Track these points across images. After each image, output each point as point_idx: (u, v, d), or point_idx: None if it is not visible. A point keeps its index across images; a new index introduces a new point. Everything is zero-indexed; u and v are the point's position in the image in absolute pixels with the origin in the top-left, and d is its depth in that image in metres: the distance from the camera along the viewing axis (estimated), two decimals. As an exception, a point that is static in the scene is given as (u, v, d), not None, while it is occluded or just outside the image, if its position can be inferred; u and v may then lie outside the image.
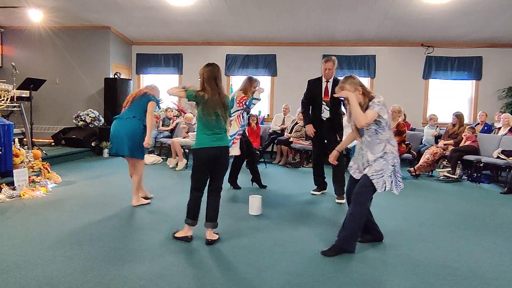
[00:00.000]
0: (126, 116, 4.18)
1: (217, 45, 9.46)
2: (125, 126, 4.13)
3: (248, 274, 2.57)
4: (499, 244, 3.33)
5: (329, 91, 4.71)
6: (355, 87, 2.97)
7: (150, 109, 4.19)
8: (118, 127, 4.17)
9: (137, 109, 4.20)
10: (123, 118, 4.19)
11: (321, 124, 4.78)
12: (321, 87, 4.80)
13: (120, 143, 4.13)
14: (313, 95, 4.85)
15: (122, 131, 4.11)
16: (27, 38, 9.03)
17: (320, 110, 4.76)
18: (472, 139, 6.59)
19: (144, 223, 3.63)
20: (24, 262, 2.64)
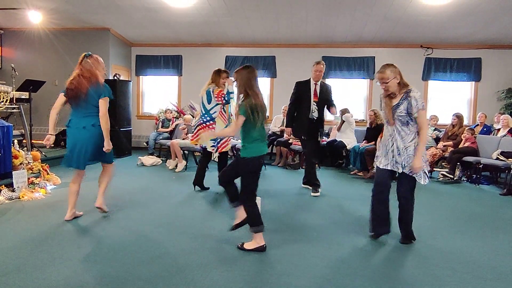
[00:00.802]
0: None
1: (216, 46, 9.47)
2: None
3: (247, 276, 2.57)
4: (499, 245, 3.33)
5: (318, 93, 5.08)
6: (394, 75, 3.20)
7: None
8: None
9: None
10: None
11: (311, 124, 5.08)
12: (310, 89, 5.09)
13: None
14: (302, 96, 5.10)
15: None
16: (27, 39, 9.03)
17: (310, 111, 5.05)
18: (471, 140, 6.60)
19: (142, 225, 3.63)
20: (23, 264, 2.64)
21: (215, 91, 4.75)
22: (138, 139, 9.64)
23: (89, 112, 3.60)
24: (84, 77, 3.53)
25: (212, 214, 4.03)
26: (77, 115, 3.60)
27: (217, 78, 4.84)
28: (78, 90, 3.50)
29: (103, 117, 3.58)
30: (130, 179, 5.83)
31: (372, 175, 6.49)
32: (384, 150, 3.34)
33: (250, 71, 3.05)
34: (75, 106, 3.59)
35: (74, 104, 3.58)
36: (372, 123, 7.17)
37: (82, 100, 3.52)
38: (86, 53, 3.60)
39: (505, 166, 5.77)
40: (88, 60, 3.59)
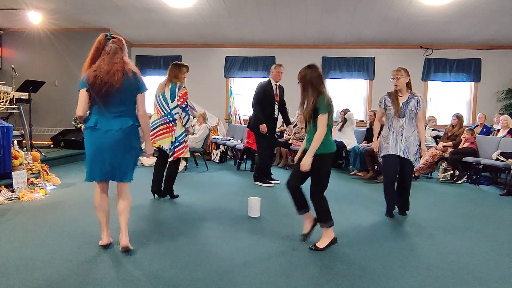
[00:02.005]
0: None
1: (216, 47, 9.48)
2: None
3: (246, 276, 2.57)
4: (498, 245, 3.33)
5: (278, 93, 5.58)
6: (406, 75, 4.02)
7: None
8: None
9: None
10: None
11: (273, 122, 5.57)
12: (272, 89, 5.51)
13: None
14: (267, 96, 5.48)
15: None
16: (27, 40, 9.04)
17: (274, 110, 5.50)
18: (471, 140, 6.60)
19: (143, 225, 3.62)
20: (23, 265, 2.64)
21: (181, 91, 4.34)
22: (138, 140, 9.62)
23: (124, 111, 2.81)
24: (115, 65, 2.75)
25: (212, 214, 4.03)
26: (105, 115, 2.78)
27: (178, 74, 4.39)
28: (109, 83, 2.70)
29: (144, 116, 2.88)
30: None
31: (372, 176, 6.50)
32: (394, 139, 4.01)
33: (314, 70, 3.05)
34: (103, 103, 2.76)
35: (102, 101, 2.75)
36: (372, 123, 7.16)
37: (114, 96, 2.75)
38: (107, 35, 2.84)
39: (505, 166, 5.77)
40: (112, 45, 2.80)
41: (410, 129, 3.99)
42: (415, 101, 3.96)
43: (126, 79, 2.75)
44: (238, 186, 5.57)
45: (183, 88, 4.37)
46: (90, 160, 2.85)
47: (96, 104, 2.79)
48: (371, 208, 4.52)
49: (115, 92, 2.74)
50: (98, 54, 2.84)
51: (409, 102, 3.97)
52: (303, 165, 2.98)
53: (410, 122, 3.99)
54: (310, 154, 2.98)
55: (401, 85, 3.99)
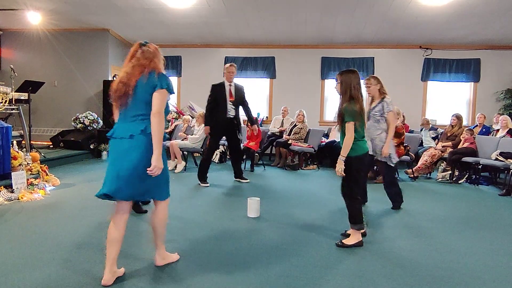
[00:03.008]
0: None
1: (216, 47, 9.49)
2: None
3: (246, 276, 2.57)
4: (497, 245, 3.34)
5: (233, 93, 5.54)
6: (376, 83, 4.35)
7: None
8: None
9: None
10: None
11: (227, 123, 5.51)
12: (224, 90, 5.50)
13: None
14: (219, 97, 5.48)
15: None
16: (26, 40, 9.04)
17: (227, 110, 5.47)
18: (470, 141, 6.61)
19: (143, 227, 3.62)
20: (23, 265, 2.64)
21: None
22: (138, 140, 9.62)
23: (139, 114, 2.44)
24: (139, 65, 2.46)
25: (212, 215, 4.03)
26: (123, 119, 2.48)
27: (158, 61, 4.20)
28: (127, 84, 2.43)
29: (155, 115, 2.39)
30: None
31: (371, 176, 6.50)
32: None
33: (357, 75, 3.20)
34: (122, 107, 2.48)
35: (121, 105, 2.47)
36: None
37: (130, 96, 2.42)
38: (142, 42, 2.56)
39: (504, 166, 5.78)
40: (147, 49, 2.53)
41: (375, 131, 4.33)
42: (381, 106, 4.28)
43: (141, 78, 2.43)
44: (238, 186, 5.57)
45: None
46: (107, 174, 2.45)
47: (119, 111, 2.52)
48: (371, 208, 4.52)
49: (130, 93, 2.42)
50: (128, 62, 2.55)
51: (376, 106, 4.32)
52: (336, 171, 3.19)
53: (374, 125, 4.33)
54: (340, 160, 3.16)
55: (373, 92, 4.36)
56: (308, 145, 7.49)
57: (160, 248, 2.67)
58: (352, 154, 3.16)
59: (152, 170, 2.35)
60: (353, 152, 3.16)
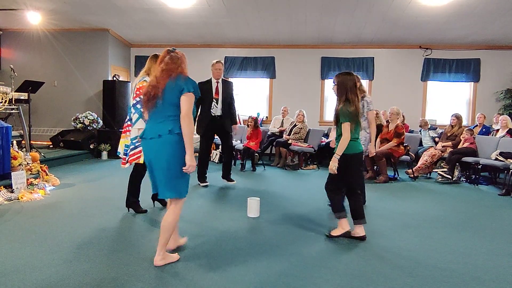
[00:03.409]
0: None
1: (216, 47, 9.48)
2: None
3: (246, 276, 2.57)
4: (497, 245, 3.34)
5: (220, 90, 5.37)
6: (357, 80, 3.84)
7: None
8: None
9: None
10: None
11: (212, 121, 5.34)
12: (211, 87, 5.37)
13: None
14: (204, 95, 5.16)
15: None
16: (26, 40, 9.04)
17: (210, 108, 5.31)
18: (470, 141, 6.61)
19: (143, 226, 3.63)
20: (23, 265, 2.64)
21: (139, 84, 3.73)
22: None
23: (168, 115, 2.62)
24: (167, 70, 2.64)
25: (211, 214, 4.03)
26: (152, 120, 2.68)
27: (152, 65, 3.70)
28: (157, 87, 2.62)
29: (184, 118, 2.57)
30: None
31: (371, 176, 6.51)
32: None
33: (353, 78, 3.34)
34: (151, 109, 2.68)
35: (150, 107, 2.68)
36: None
37: (159, 98, 2.62)
38: (170, 49, 2.73)
39: (504, 166, 5.78)
40: (173, 55, 2.69)
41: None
42: (361, 105, 4.15)
43: (169, 81, 2.61)
44: (237, 186, 5.57)
45: (141, 81, 3.72)
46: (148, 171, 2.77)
47: (148, 113, 2.72)
48: (370, 208, 4.52)
49: (159, 95, 2.61)
50: (157, 67, 2.74)
51: None
52: (330, 169, 3.31)
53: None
54: (334, 158, 3.31)
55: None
56: (308, 145, 7.49)
57: (162, 249, 2.70)
58: (349, 152, 3.30)
59: (187, 168, 2.57)
60: (348, 150, 3.29)
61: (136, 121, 3.69)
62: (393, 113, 6.40)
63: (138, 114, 3.66)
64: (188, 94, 2.59)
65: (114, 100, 8.28)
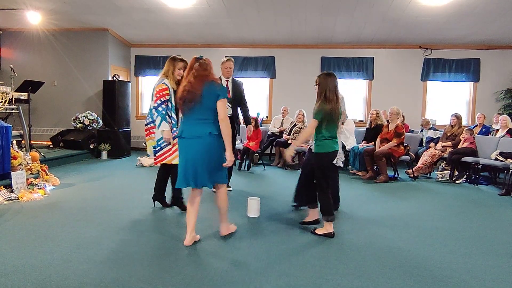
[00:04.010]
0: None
1: (216, 47, 9.48)
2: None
3: (246, 276, 2.57)
4: (497, 245, 3.34)
5: (230, 90, 5.08)
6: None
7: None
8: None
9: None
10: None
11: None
12: None
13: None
14: None
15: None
16: (26, 40, 9.03)
17: None
18: (470, 140, 6.61)
19: (143, 226, 3.63)
20: (23, 265, 2.64)
21: (159, 86, 3.83)
22: (137, 140, 9.64)
23: (204, 118, 3.02)
24: (200, 76, 3.01)
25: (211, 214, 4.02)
26: (189, 122, 3.05)
27: (170, 68, 3.94)
28: (193, 92, 2.98)
29: (223, 121, 2.99)
30: (129, 180, 5.83)
31: (371, 176, 6.51)
32: None
33: (333, 79, 3.42)
34: (187, 112, 3.05)
35: (186, 109, 3.04)
36: (372, 123, 7.18)
37: (196, 103, 2.99)
38: (198, 56, 3.10)
39: (503, 166, 5.78)
40: (202, 61, 3.07)
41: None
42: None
43: (205, 87, 2.99)
44: (237, 186, 5.57)
45: (161, 83, 3.83)
46: (181, 167, 3.08)
47: (184, 114, 3.10)
48: (370, 208, 4.53)
49: (197, 99, 2.98)
50: (189, 73, 3.10)
51: None
52: (285, 156, 3.51)
53: None
54: (291, 147, 3.55)
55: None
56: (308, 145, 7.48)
57: (224, 221, 3.30)
58: (320, 151, 3.41)
59: (227, 164, 3.06)
60: (321, 149, 3.41)
61: (160, 124, 3.77)
62: (393, 113, 6.40)
63: (161, 116, 3.76)
64: (223, 99, 3.02)
65: (114, 100, 8.28)
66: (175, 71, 3.92)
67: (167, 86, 3.84)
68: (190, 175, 3.02)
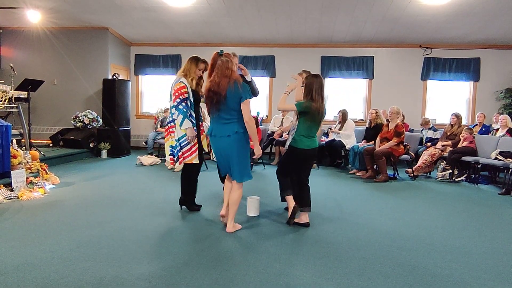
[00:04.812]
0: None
1: (215, 46, 9.45)
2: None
3: (245, 275, 2.57)
4: (497, 245, 3.34)
5: None
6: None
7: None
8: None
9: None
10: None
11: None
12: None
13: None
14: None
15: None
16: (26, 39, 9.02)
17: None
18: (470, 140, 6.61)
19: (143, 224, 3.63)
20: (22, 264, 2.64)
21: (177, 85, 3.76)
22: (137, 139, 9.64)
23: (231, 118, 3.26)
24: (224, 77, 3.18)
25: (212, 213, 4.02)
26: (218, 122, 3.31)
27: (192, 68, 3.87)
28: (219, 93, 3.17)
29: (248, 122, 3.23)
30: (129, 179, 5.83)
31: (371, 175, 6.51)
32: None
33: (319, 80, 3.59)
34: (215, 112, 3.28)
35: (215, 110, 3.27)
36: (372, 122, 7.18)
37: (222, 104, 3.20)
38: (219, 52, 3.25)
39: (503, 165, 5.78)
40: (224, 58, 3.21)
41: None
42: None
43: (229, 89, 3.16)
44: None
45: (178, 82, 3.76)
46: (218, 162, 3.56)
47: (212, 114, 3.34)
48: (370, 207, 4.53)
49: (222, 101, 3.19)
50: (213, 69, 3.27)
51: None
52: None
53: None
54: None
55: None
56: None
57: (231, 219, 3.41)
58: (294, 145, 3.63)
59: (257, 156, 3.45)
60: (293, 143, 3.63)
61: (182, 122, 3.72)
62: (393, 112, 6.40)
63: (183, 114, 3.72)
64: (246, 101, 3.20)
65: (114, 98, 8.27)
66: (196, 71, 3.89)
67: (185, 84, 3.77)
68: (226, 168, 3.44)
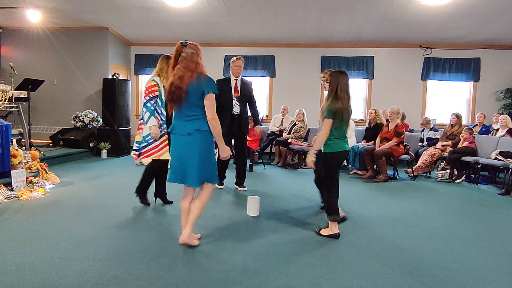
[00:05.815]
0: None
1: (215, 46, 9.46)
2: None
3: (245, 275, 2.57)
4: (497, 245, 3.34)
5: (239, 88, 5.15)
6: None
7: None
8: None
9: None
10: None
11: (232, 120, 5.08)
12: (230, 85, 5.17)
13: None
14: (223, 93, 4.97)
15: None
16: (26, 38, 9.02)
17: (232, 106, 5.09)
18: (469, 140, 6.60)
19: (142, 224, 3.62)
20: (22, 264, 2.64)
21: (148, 83, 3.90)
22: (137, 139, 9.62)
23: (194, 115, 2.87)
24: (188, 71, 2.82)
25: (211, 213, 4.02)
26: (180, 119, 2.93)
27: (164, 67, 3.92)
28: (180, 88, 2.80)
29: (211, 120, 2.85)
30: (129, 179, 5.82)
31: (371, 175, 6.51)
32: None
33: (346, 77, 3.38)
34: (177, 108, 2.91)
35: (176, 106, 2.90)
36: (372, 122, 7.18)
37: (183, 99, 2.83)
38: (183, 42, 2.87)
39: (503, 166, 5.78)
40: (188, 50, 2.85)
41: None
42: None
43: (191, 83, 2.81)
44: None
45: (150, 81, 3.88)
46: (172, 163, 3.01)
47: (174, 111, 2.97)
48: (370, 207, 4.53)
49: (183, 96, 2.82)
50: (176, 62, 2.88)
51: None
52: (308, 163, 3.43)
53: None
54: (311, 152, 3.41)
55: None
56: (308, 144, 7.48)
57: (189, 226, 2.98)
58: (328, 150, 3.37)
59: (225, 158, 3.06)
60: (328, 148, 3.37)
61: (148, 119, 3.83)
62: (393, 112, 6.40)
63: (150, 112, 3.82)
64: (210, 96, 2.83)
65: (114, 98, 8.26)
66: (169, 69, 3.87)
67: (156, 82, 3.88)
68: (179, 172, 2.93)
